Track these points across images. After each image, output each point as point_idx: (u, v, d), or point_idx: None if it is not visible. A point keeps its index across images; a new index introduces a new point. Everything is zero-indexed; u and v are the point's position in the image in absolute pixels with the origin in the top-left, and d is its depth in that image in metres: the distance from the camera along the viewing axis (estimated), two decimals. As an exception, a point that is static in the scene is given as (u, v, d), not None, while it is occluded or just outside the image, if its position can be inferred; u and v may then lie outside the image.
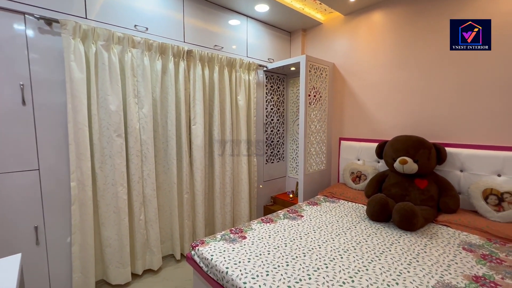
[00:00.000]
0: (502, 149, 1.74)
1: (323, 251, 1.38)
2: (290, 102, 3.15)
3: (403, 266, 1.23)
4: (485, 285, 1.10)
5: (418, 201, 1.85)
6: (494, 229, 1.55)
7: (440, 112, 2.02)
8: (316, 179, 2.62)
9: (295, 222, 1.78)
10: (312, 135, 2.54)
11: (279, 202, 2.99)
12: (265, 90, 2.90)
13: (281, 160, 3.18)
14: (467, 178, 1.87)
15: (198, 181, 2.22)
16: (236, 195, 2.59)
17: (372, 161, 2.41)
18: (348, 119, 2.65)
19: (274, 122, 3.05)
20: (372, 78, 2.42)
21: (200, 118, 2.19)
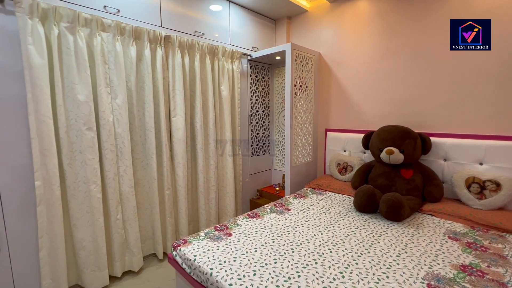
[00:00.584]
0: (484, 138, 1.76)
1: (312, 245, 1.34)
2: (275, 93, 3.07)
3: (392, 258, 1.21)
4: (472, 274, 1.09)
5: (404, 191, 1.85)
6: (477, 216, 1.58)
7: (425, 102, 2.02)
8: (302, 171, 2.58)
9: (282, 216, 1.73)
10: (298, 127, 2.48)
11: (266, 195, 2.94)
12: (250, 80, 2.79)
13: (267, 152, 3.11)
14: (451, 167, 1.89)
15: (180, 176, 2.10)
16: (221, 190, 2.50)
17: (358, 152, 2.39)
18: (334, 109, 2.61)
19: (260, 114, 2.96)
20: (358, 67, 2.38)
21: (180, 109, 2.05)
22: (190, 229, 2.34)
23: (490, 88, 1.74)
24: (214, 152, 2.33)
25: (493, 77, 1.72)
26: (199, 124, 2.20)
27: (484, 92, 1.76)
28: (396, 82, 2.16)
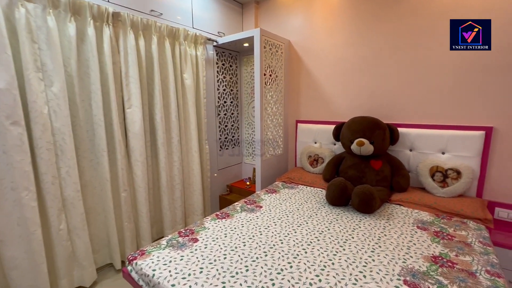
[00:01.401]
0: (446, 128, 1.82)
1: (286, 247, 1.24)
2: (244, 83, 2.91)
3: (368, 255, 1.17)
4: (444, 266, 1.09)
5: (374, 181, 1.85)
6: (441, 204, 1.63)
7: (393, 93, 2.03)
8: (273, 164, 2.49)
9: (254, 214, 1.61)
10: (269, 118, 2.37)
11: (236, 191, 2.81)
12: (216, 68, 2.59)
13: (236, 146, 2.97)
14: (416, 157, 1.93)
15: (138, 176, 1.87)
16: (187, 188, 2.31)
17: (328, 143, 2.36)
18: (304, 100, 2.54)
19: (228, 105, 2.78)
20: (328, 57, 2.32)
21: (136, 99, 1.80)
22: (154, 232, 2.12)
23: (452, 81, 1.78)
24: (178, 147, 2.12)
25: (453, 71, 1.76)
26: (159, 116, 1.96)
27: (446, 85, 1.81)
28: (365, 73, 2.14)
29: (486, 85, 1.67)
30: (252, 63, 2.79)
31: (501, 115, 1.65)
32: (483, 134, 1.69)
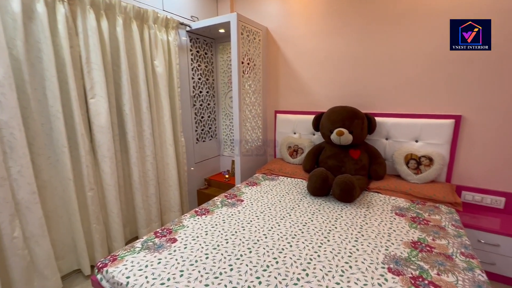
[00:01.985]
0: (420, 117, 1.88)
1: (270, 241, 1.20)
2: (220, 72, 2.78)
3: (352, 245, 1.17)
4: (423, 250, 1.12)
5: (353, 170, 1.88)
6: (415, 190, 1.69)
7: (370, 83, 2.05)
8: (252, 156, 2.43)
9: (235, 209, 1.55)
10: (248, 109, 2.29)
11: (214, 184, 2.72)
12: (190, 56, 2.43)
13: (213, 138, 2.85)
14: (391, 145, 1.99)
15: (107, 173, 1.70)
16: (162, 183, 2.18)
17: (308, 133, 2.35)
18: (283, 90, 2.49)
19: (203, 95, 2.64)
20: (306, 45, 2.27)
21: (101, 88, 1.61)
22: (127, 232, 1.98)
23: (423, 72, 1.83)
24: (150, 140, 1.96)
25: (425, 62, 1.81)
26: (128, 107, 1.79)
27: (418, 75, 1.86)
28: (342, 63, 2.13)
29: (455, 75, 1.74)
30: (229, 51, 2.66)
31: (469, 104, 1.74)
32: (452, 122, 1.77)
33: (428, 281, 0.94)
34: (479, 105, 1.71)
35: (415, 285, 0.92)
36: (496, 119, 1.68)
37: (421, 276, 0.96)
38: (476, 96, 1.71)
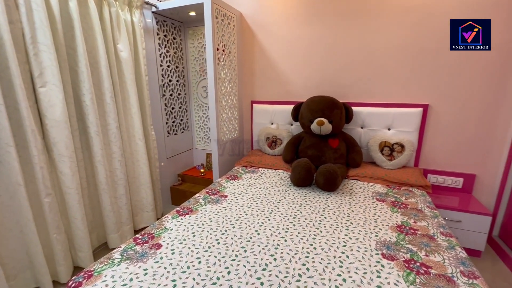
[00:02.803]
0: (392, 106, 1.98)
1: (264, 237, 1.16)
2: (191, 59, 2.58)
3: (344, 233, 1.18)
4: (408, 233, 1.18)
5: (332, 159, 1.91)
6: (390, 176, 1.79)
7: (345, 73, 2.08)
8: (229, 148, 2.33)
9: (220, 205, 1.47)
10: (224, 99, 2.17)
11: (189, 180, 2.57)
12: (158, 40, 2.20)
13: (185, 130, 2.68)
14: (366, 134, 2.07)
15: (66, 174, 1.47)
16: (133, 182, 1.97)
17: (285, 124, 2.33)
18: (259, 80, 2.41)
19: (173, 84, 2.44)
20: (283, 34, 2.21)
21: (53, 75, 1.36)
22: (93, 239, 1.76)
23: (394, 63, 1.91)
24: (117, 135, 1.74)
25: (396, 53, 1.89)
26: (89, 97, 1.55)
27: (390, 66, 1.93)
28: (320, 53, 2.12)
29: (423, 66, 1.85)
30: (199, 36, 2.48)
31: (434, 93, 1.87)
32: (421, 111, 1.89)
33: (420, 263, 0.98)
34: (443, 95, 1.85)
35: (409, 268, 0.96)
36: (456, 108, 1.84)
37: (412, 259, 1.01)
38: (440, 86, 1.84)
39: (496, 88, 1.72)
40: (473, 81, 1.75)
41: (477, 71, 1.72)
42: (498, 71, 1.68)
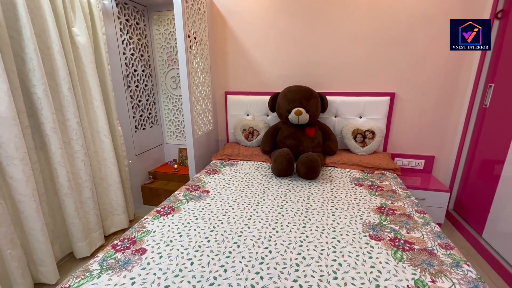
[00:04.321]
0: (363, 95, 2.07)
1: (255, 230, 1.13)
2: (157, 47, 2.39)
3: (331, 219, 1.22)
4: (388, 214, 1.26)
5: (310, 148, 1.95)
6: (364, 161, 1.89)
7: (319, 63, 2.12)
8: (203, 142, 2.24)
9: (204, 202, 1.40)
10: (197, 90, 2.06)
11: (161, 177, 2.42)
12: (119, 25, 1.98)
13: (155, 124, 2.50)
14: (340, 122, 2.15)
15: (18, 180, 1.26)
16: (100, 183, 1.79)
17: (261, 115, 2.31)
18: (233, 69, 2.34)
19: (139, 74, 2.24)
20: (256, 22, 2.15)
21: (-8, 62, 1.13)
22: (56, 250, 1.57)
23: (364, 53, 2.00)
24: (79, 131, 1.54)
25: (365, 43, 1.97)
26: (41, 88, 1.33)
27: (360, 56, 2.02)
28: (293, 43, 2.12)
29: (390, 56, 1.96)
30: (166, 22, 2.30)
31: (400, 82, 2.00)
32: (388, 99, 2.02)
33: (404, 240, 1.05)
34: (407, 84, 1.99)
35: (396, 246, 1.02)
36: (418, 96, 1.99)
37: (396, 237, 1.07)
38: (405, 76, 1.98)
39: (451, 79, 1.90)
40: (433, 72, 1.92)
41: (437, 63, 1.89)
42: (453, 64, 1.86)
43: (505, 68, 1.63)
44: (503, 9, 1.63)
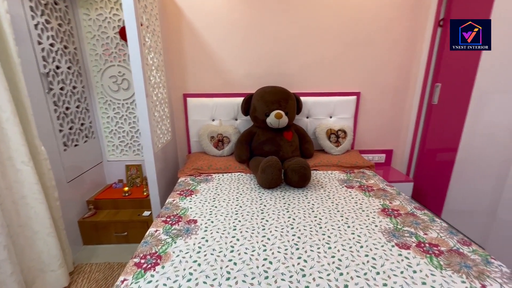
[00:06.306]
0: (333, 95, 2.08)
1: (282, 267, 0.92)
2: (87, 37, 1.83)
3: (350, 232, 1.11)
4: (395, 216, 1.24)
5: (290, 153, 1.83)
6: (342, 161, 1.88)
7: (289, 62, 2.02)
8: (160, 155, 1.82)
9: (195, 235, 1.09)
10: (153, 92, 1.66)
11: (107, 205, 1.89)
12: (28, 2, 1.39)
13: (90, 138, 1.92)
14: (312, 123, 2.10)
15: None
16: (21, 233, 1.21)
17: (230, 119, 2.06)
18: (192, 67, 2.00)
19: (64, 72, 1.66)
20: (218, 15, 1.89)
21: None
22: None
23: (332, 54, 2.01)
24: (-23, 162, 0.98)
25: (334, 44, 1.98)
26: None
27: (331, 57, 2.01)
28: (261, 39, 1.95)
29: (355, 57, 2.02)
30: (98, 4, 1.77)
31: (364, 82, 2.09)
32: (355, 98, 2.08)
33: (428, 243, 1.03)
34: (370, 83, 2.09)
35: (425, 251, 0.98)
36: (378, 94, 2.13)
37: (419, 241, 1.05)
38: (368, 76, 2.08)
39: (404, 79, 2.09)
40: (390, 73, 2.07)
41: (394, 64, 2.04)
42: (405, 65, 2.05)
43: (448, 69, 1.87)
44: (444, 17, 1.87)
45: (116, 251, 1.75)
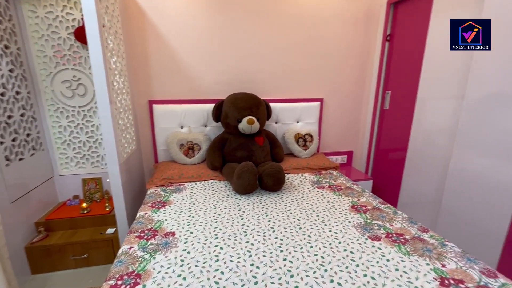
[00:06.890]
0: (299, 101, 2.19)
1: (266, 258, 0.93)
2: (34, 37, 1.62)
3: (328, 229, 1.18)
4: (364, 211, 1.36)
5: (262, 158, 1.87)
6: (311, 163, 1.99)
7: (257, 68, 2.06)
8: (126, 167, 1.67)
9: (175, 248, 1.04)
10: (117, 98, 1.54)
11: (62, 226, 1.67)
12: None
13: (38, 150, 1.69)
14: (280, 128, 2.18)
15: None
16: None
17: (199, 126, 2.01)
18: (157, 72, 1.91)
19: (5, 76, 1.44)
20: (185, 20, 1.85)
21: None
22: None
23: (298, 61, 2.12)
24: None
25: (299, 52, 2.10)
26: None
27: (296, 64, 2.12)
28: (229, 46, 1.97)
29: (317, 65, 2.17)
30: (46, 2, 1.59)
31: (327, 89, 2.25)
32: (318, 104, 2.22)
33: (395, 233, 1.15)
34: (331, 90, 2.26)
35: (393, 241, 1.09)
36: (339, 100, 2.31)
37: (388, 233, 1.16)
38: (329, 83, 2.24)
39: (359, 86, 2.31)
40: (348, 81, 2.27)
41: (352, 73, 2.24)
42: (361, 74, 2.27)
43: (396, 79, 2.13)
44: (390, 33, 2.12)
45: (75, 277, 1.55)
